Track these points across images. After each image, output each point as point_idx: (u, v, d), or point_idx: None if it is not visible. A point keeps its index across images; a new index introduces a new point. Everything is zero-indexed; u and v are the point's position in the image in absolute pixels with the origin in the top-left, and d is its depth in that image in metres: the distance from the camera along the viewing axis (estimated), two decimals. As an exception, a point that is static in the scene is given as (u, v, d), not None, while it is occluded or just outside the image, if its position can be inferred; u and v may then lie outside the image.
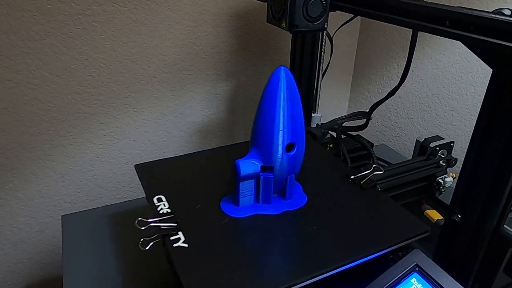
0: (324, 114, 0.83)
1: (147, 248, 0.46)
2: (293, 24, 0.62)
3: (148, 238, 0.47)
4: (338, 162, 0.67)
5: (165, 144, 0.99)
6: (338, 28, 0.80)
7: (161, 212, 0.51)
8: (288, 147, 0.50)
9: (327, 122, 0.80)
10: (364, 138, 0.82)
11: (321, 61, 0.77)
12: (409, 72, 0.67)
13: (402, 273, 0.44)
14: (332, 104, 1.21)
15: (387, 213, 0.53)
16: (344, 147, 0.78)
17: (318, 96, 0.80)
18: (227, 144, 0.77)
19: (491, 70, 0.43)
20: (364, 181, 0.58)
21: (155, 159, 0.64)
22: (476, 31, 0.41)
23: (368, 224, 0.51)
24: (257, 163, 0.50)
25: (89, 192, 0.95)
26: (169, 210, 0.51)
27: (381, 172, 0.58)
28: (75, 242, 0.67)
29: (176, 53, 0.90)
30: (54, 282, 1.00)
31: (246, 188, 0.51)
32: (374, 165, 0.59)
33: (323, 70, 0.79)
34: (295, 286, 0.42)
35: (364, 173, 0.59)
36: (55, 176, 0.89)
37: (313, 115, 0.81)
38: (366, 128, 0.80)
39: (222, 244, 0.47)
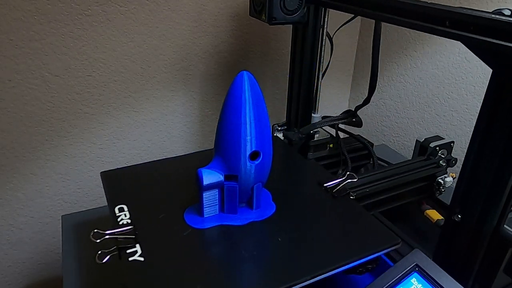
0: (324, 114, 0.82)
1: (104, 261, 0.42)
2: (271, 17, 0.67)
3: (106, 251, 0.43)
4: (312, 169, 0.64)
5: (165, 144, 0.99)
6: (338, 28, 0.80)
7: (121, 223, 0.48)
8: (253, 156, 0.48)
9: (306, 127, 0.79)
10: (364, 138, 0.82)
11: (321, 61, 0.77)
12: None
13: (402, 273, 0.44)
14: (332, 104, 1.21)
15: (358, 223, 0.51)
16: (343, 147, 0.78)
17: (318, 96, 0.80)
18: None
19: (491, 70, 0.43)
20: (337, 190, 0.55)
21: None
22: (476, 31, 0.41)
23: (337, 235, 0.49)
24: (220, 172, 0.48)
25: (89, 192, 0.95)
26: (129, 221, 0.49)
27: (355, 180, 0.56)
28: (75, 242, 0.67)
29: (176, 53, 0.90)
30: (54, 282, 1.00)
31: (210, 198, 0.49)
32: (348, 173, 0.57)
33: (323, 70, 0.79)
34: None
35: (337, 181, 0.56)
36: (55, 176, 0.89)
37: (313, 115, 0.81)
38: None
39: (181, 257, 0.44)
